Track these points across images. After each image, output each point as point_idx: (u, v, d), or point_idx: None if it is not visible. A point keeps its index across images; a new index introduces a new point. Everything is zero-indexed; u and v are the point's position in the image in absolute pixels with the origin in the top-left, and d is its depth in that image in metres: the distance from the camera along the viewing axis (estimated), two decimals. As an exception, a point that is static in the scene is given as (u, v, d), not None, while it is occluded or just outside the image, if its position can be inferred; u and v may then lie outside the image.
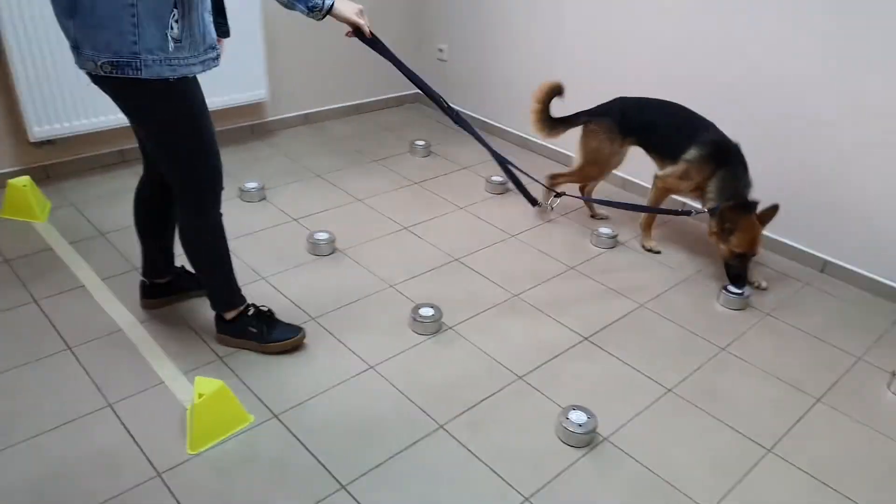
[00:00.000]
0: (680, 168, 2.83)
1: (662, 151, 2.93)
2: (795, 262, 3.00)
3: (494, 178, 3.45)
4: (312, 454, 1.92)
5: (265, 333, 2.27)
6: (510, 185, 3.29)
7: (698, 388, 2.24)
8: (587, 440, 1.99)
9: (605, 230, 3.03)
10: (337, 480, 1.84)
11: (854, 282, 2.85)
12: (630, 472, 1.92)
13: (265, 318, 2.30)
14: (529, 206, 3.10)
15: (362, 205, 3.26)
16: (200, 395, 1.90)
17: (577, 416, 2.02)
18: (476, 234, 3.08)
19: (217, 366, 2.21)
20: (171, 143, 1.95)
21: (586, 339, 2.44)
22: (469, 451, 1.96)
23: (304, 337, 2.31)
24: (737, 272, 2.73)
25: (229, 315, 2.26)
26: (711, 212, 2.76)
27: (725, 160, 2.73)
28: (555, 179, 3.13)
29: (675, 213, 2.92)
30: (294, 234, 2.98)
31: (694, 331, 2.51)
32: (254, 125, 3.88)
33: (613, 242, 3.02)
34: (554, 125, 3.02)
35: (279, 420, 2.03)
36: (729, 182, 2.72)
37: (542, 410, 2.11)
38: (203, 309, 2.42)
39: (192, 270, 2.45)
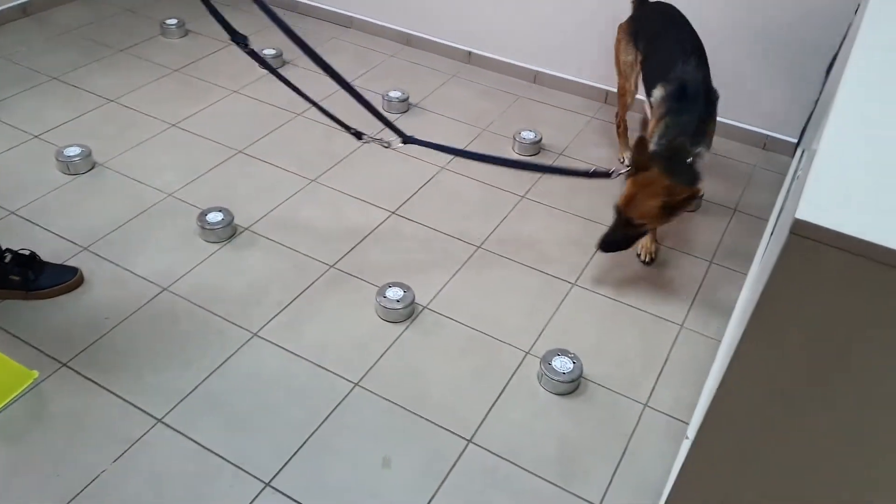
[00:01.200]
0: (649, 109, 2.22)
1: (644, 80, 2.31)
2: (580, 97, 3.10)
3: (267, 52, 3.13)
4: (116, 395, 1.74)
5: (31, 280, 1.97)
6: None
7: (504, 240, 2.31)
8: (407, 313, 2.00)
9: (395, 94, 2.91)
10: (151, 415, 1.70)
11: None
12: (453, 334, 1.97)
13: (28, 262, 1.98)
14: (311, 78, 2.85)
15: (116, 105, 2.82)
16: (-39, 366, 1.62)
17: (394, 293, 2.00)
18: (257, 118, 2.81)
19: (-23, 325, 1.90)
20: None
21: (393, 212, 2.39)
22: (289, 351, 1.89)
23: (81, 278, 2.04)
24: (606, 233, 2.07)
25: None
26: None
27: (681, 106, 2.04)
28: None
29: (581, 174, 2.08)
30: (39, 153, 2.53)
31: (495, 185, 2.55)
32: (-43, 26, 3.16)
33: (406, 107, 2.92)
34: None
35: (69, 368, 1.80)
36: (671, 130, 2.03)
37: (360, 294, 2.07)
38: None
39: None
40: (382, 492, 1.59)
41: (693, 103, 2.02)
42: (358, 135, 2.07)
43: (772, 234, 2.15)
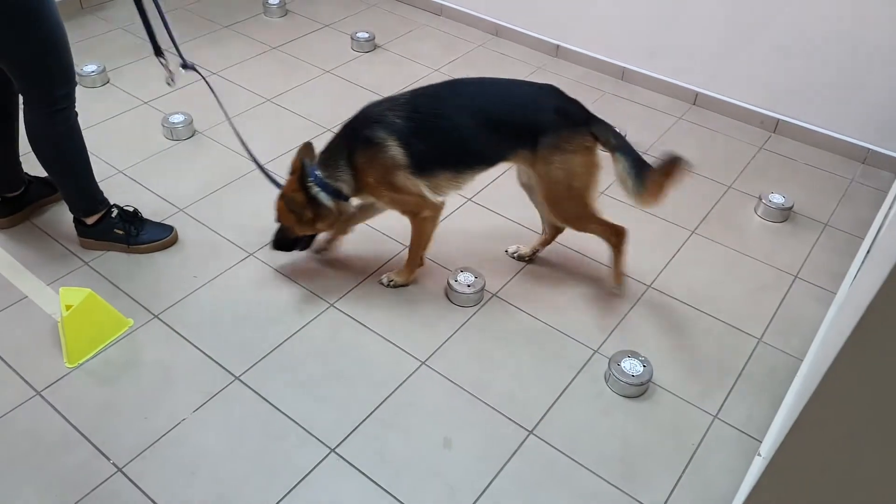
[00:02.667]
0: None
1: None
2: (668, 97, 3.04)
3: (360, 35, 3.21)
4: (200, 350, 1.85)
5: (133, 235, 2.12)
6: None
7: (579, 234, 2.29)
8: (476, 299, 2.02)
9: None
10: (230, 372, 1.80)
11: (722, 110, 2.93)
12: (520, 324, 1.99)
13: (131, 219, 2.13)
14: (400, 64, 2.91)
15: (218, 77, 2.97)
16: (68, 307, 1.76)
17: (465, 277, 2.03)
18: (346, 99, 2.89)
19: (84, 272, 2.05)
20: (15, 36, 1.70)
21: (470, 199, 2.42)
22: (362, 324, 1.95)
23: (176, 237, 2.17)
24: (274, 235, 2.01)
25: (90, 220, 2.09)
26: None
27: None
28: None
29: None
30: (147, 118, 2.70)
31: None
32: (81, -5, 3.38)
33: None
34: None
35: (160, 320, 1.92)
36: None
37: (431, 276, 2.11)
38: (61, 215, 2.19)
39: (34, 176, 2.23)
40: (442, 471, 1.62)
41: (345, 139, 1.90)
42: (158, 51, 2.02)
43: (868, 252, 2.05)
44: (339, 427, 1.69)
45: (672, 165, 1.84)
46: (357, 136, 1.87)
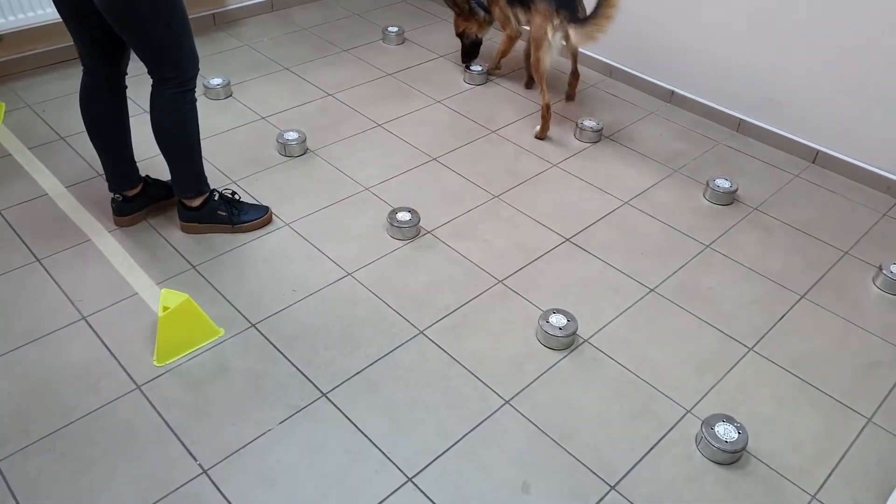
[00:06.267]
0: None
1: None
2: (785, 153, 2.91)
3: (473, 68, 3.26)
4: (292, 362, 1.90)
5: (235, 215, 2.27)
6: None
7: (681, 287, 2.22)
8: (567, 343, 1.98)
9: (589, 123, 2.90)
10: (317, 388, 1.83)
11: (844, 172, 2.78)
12: (611, 374, 1.93)
13: (231, 202, 2.29)
14: (510, 99, 2.95)
15: (333, 100, 3.09)
16: (165, 309, 1.85)
17: (557, 320, 2.00)
18: (454, 129, 2.94)
19: (191, 275, 2.15)
20: (159, 22, 1.85)
21: (568, 240, 2.38)
22: (450, 355, 1.95)
23: (271, 215, 2.36)
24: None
25: (196, 202, 2.23)
26: None
27: None
28: None
29: None
30: (263, 133, 2.83)
31: (678, 228, 2.46)
32: (215, 14, 3.61)
33: (598, 136, 2.91)
34: None
35: (257, 329, 1.99)
36: None
37: (523, 314, 2.09)
38: (173, 217, 2.32)
39: (154, 178, 2.37)
40: (517, 515, 1.59)
41: None
42: None
43: None
44: (419, 456, 1.69)
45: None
46: None
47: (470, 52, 3.29)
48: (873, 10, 2.46)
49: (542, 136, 2.89)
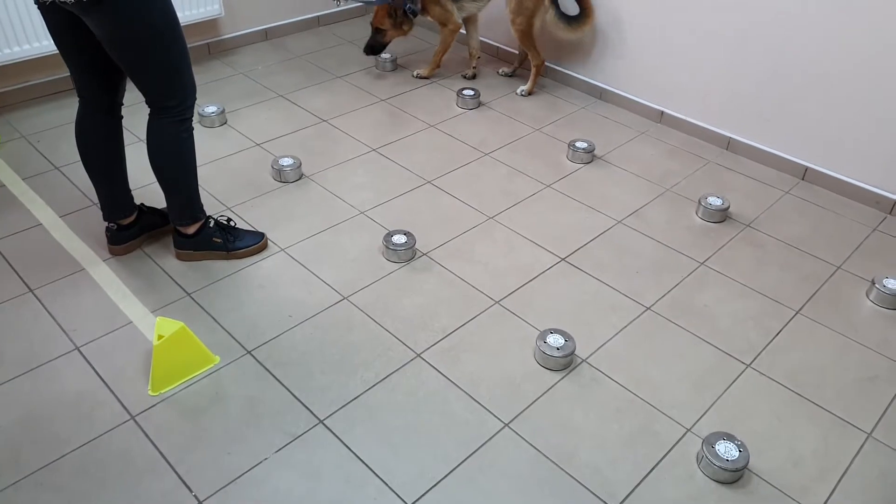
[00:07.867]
0: None
1: None
2: (775, 170, 2.93)
3: (466, 93, 3.30)
4: (288, 389, 1.89)
5: (230, 242, 2.27)
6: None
7: (677, 305, 2.22)
8: (565, 363, 1.98)
9: (581, 144, 2.92)
10: (314, 414, 1.82)
11: (834, 187, 2.80)
12: (609, 393, 1.92)
13: (226, 228, 2.29)
14: (503, 122, 2.98)
15: (328, 125, 3.11)
16: (160, 337, 1.84)
17: (555, 340, 2.00)
18: (448, 153, 2.96)
19: (186, 303, 2.14)
20: (160, 51, 1.87)
21: (563, 259, 2.39)
22: (447, 378, 1.94)
23: (266, 241, 2.35)
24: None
25: (191, 229, 2.23)
26: None
27: None
28: None
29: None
30: (258, 160, 2.84)
31: (672, 246, 2.47)
32: (210, 43, 3.65)
33: (590, 157, 2.93)
34: None
35: (252, 356, 1.98)
36: None
37: (520, 335, 2.08)
38: (167, 245, 2.32)
39: (149, 206, 2.37)
40: (518, 539, 1.57)
41: None
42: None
43: None
44: (418, 482, 1.67)
45: None
46: None
47: (377, 49, 3.45)
48: (860, 29, 2.51)
49: (531, 90, 3.37)
